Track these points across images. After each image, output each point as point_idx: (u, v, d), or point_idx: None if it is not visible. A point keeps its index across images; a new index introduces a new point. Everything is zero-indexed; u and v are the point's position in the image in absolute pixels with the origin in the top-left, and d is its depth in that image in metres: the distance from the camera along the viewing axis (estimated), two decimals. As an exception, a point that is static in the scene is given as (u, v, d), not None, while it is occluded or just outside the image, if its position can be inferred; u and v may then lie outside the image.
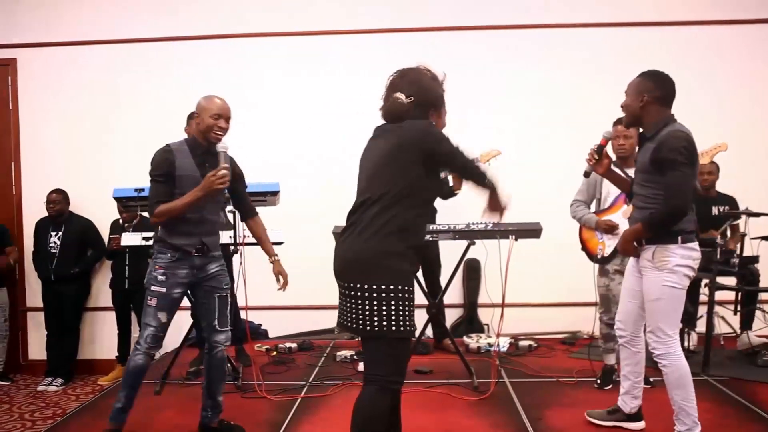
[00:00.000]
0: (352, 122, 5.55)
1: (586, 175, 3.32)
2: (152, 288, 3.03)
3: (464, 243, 4.11)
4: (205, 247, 3.11)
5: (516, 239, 4.01)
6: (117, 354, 5.50)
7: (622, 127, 3.63)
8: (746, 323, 4.75)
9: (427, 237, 4.12)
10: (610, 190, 3.84)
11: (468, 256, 4.25)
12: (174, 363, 4.11)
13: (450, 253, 4.53)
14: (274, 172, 4.70)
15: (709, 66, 5.47)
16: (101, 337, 5.73)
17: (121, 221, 5.27)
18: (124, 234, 4.41)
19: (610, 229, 3.75)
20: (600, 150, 3.11)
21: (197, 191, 2.93)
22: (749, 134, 5.32)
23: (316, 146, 5.62)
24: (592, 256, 3.93)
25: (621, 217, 3.76)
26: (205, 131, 3.04)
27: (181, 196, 2.96)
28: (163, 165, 3.00)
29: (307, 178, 5.53)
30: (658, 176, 2.80)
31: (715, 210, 4.91)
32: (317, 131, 5.64)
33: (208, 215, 3.12)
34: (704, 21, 5.51)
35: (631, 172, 3.44)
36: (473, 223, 4.06)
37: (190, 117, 3.99)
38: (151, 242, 3.76)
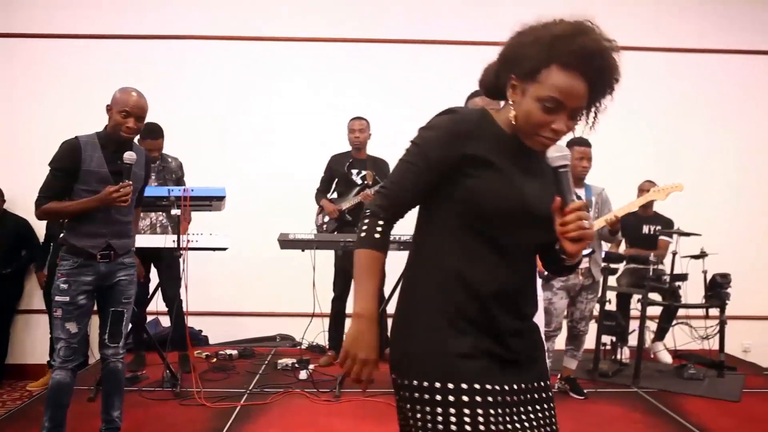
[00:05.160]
0: (299, 129, 5.59)
1: None
2: (56, 298, 2.81)
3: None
4: (112, 252, 2.89)
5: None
6: (48, 359, 5.30)
7: (584, 148, 3.78)
8: (660, 335, 5.05)
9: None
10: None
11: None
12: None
13: (394, 263, 4.56)
14: (219, 177, 4.65)
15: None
16: (33, 342, 5.51)
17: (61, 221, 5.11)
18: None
19: None
20: None
21: (93, 201, 2.75)
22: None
23: (264, 152, 5.59)
24: (539, 272, 4.03)
25: None
26: (114, 128, 2.85)
27: (85, 192, 2.78)
28: (65, 159, 2.79)
29: (253, 185, 5.48)
30: None
31: (645, 229, 5.12)
32: (264, 137, 5.60)
33: (117, 215, 2.88)
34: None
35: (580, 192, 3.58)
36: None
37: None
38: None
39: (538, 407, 1.43)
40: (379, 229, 1.39)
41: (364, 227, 1.40)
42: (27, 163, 5.33)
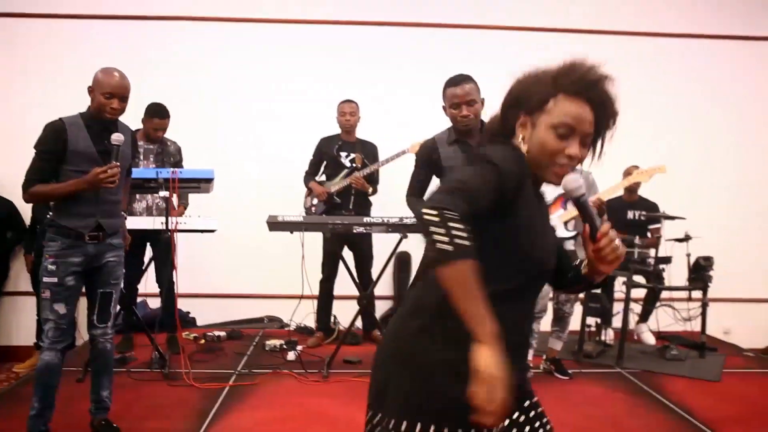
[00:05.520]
0: (292, 114, 5.57)
1: None
2: (44, 279, 2.82)
3: (397, 236, 4.17)
4: (102, 232, 2.89)
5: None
6: (35, 341, 5.30)
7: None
8: (643, 317, 5.16)
9: (360, 229, 4.16)
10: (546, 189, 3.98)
11: (400, 249, 4.32)
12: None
13: (382, 245, 4.59)
14: (209, 159, 4.64)
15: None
16: (18, 323, 5.49)
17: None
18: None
19: None
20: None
21: (81, 183, 2.75)
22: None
23: (255, 135, 5.57)
24: None
25: (556, 220, 3.90)
26: (98, 109, 2.83)
27: (74, 173, 2.76)
28: (51, 142, 2.78)
29: (243, 167, 5.46)
30: None
31: (630, 214, 5.17)
32: (256, 121, 5.59)
33: (106, 194, 2.87)
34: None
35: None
36: (406, 218, 4.13)
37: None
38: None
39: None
40: (468, 234, 1.19)
41: (453, 232, 1.18)
42: (15, 146, 5.32)
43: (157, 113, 4.29)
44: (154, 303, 4.98)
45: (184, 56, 5.52)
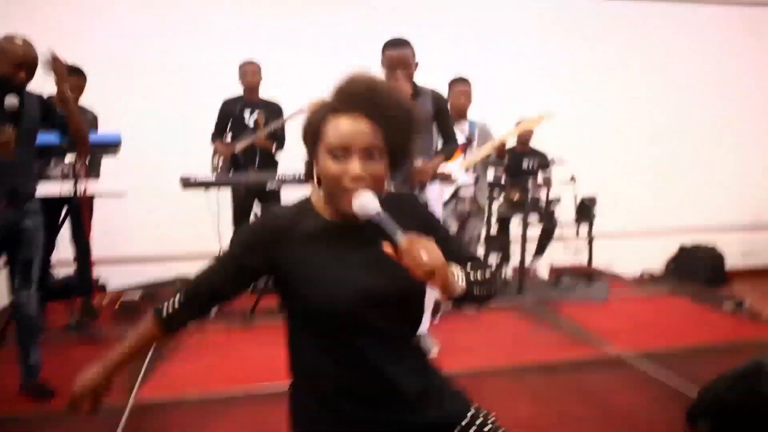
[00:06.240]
0: (199, 72, 5.51)
1: None
2: None
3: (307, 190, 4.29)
4: (18, 198, 2.88)
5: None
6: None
7: (464, 87, 4.29)
8: (539, 252, 5.59)
9: (272, 186, 4.29)
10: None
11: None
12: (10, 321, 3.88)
13: (293, 198, 4.69)
14: (119, 119, 4.54)
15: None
16: None
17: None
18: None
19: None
20: None
21: None
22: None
23: (164, 93, 5.47)
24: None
25: (456, 167, 4.16)
26: (5, 78, 2.77)
27: None
28: None
29: (153, 127, 5.35)
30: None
31: (525, 163, 5.58)
32: (167, 79, 5.49)
33: (17, 159, 2.81)
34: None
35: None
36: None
37: None
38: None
39: None
40: (166, 301, 1.44)
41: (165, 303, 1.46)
42: None
43: (71, 71, 4.12)
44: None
45: (98, 21, 5.34)
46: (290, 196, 4.47)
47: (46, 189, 3.80)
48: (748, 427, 2.27)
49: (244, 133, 4.80)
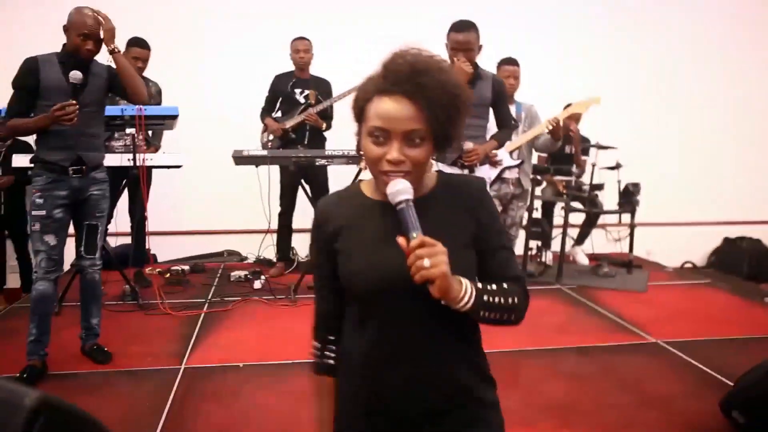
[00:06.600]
0: (248, 53, 5.64)
1: None
2: (33, 213, 2.96)
3: (354, 168, 4.39)
4: (84, 166, 3.02)
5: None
6: (-8, 282, 5.35)
7: (512, 67, 4.27)
8: (579, 240, 5.63)
9: (322, 162, 4.40)
10: None
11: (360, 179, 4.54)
12: (71, 286, 4.10)
13: (338, 179, 4.79)
14: (176, 97, 4.69)
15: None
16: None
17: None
18: (14, 155, 4.24)
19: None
20: None
21: (44, 118, 2.83)
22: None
23: (224, 75, 5.63)
24: None
25: (503, 151, 4.20)
26: (74, 49, 2.94)
27: (48, 108, 2.81)
28: (24, 77, 2.89)
29: (209, 106, 5.50)
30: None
31: (567, 148, 5.57)
32: (222, 56, 5.65)
33: (85, 128, 2.97)
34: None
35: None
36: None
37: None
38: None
39: None
40: (315, 352, 1.40)
41: (312, 351, 1.41)
42: None
43: (136, 43, 4.30)
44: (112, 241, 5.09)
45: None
46: (337, 173, 4.66)
47: (108, 160, 3.98)
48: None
49: (295, 110, 4.90)
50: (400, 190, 1.17)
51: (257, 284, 4.60)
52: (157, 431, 2.55)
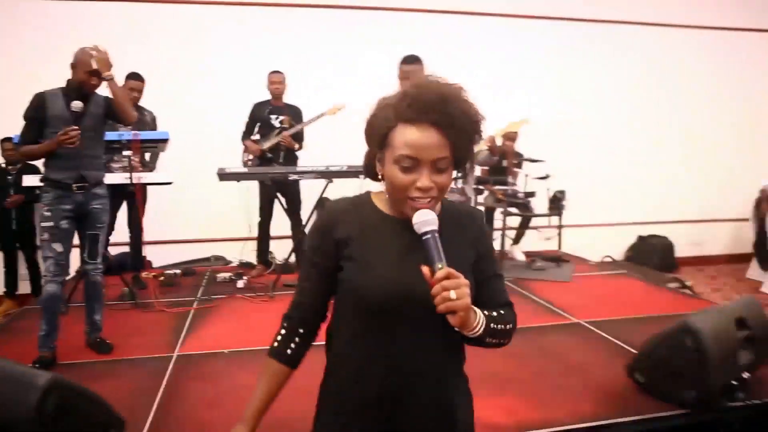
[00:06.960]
0: (231, 85, 5.69)
1: None
2: (42, 224, 3.03)
3: (322, 183, 4.45)
4: (87, 183, 3.07)
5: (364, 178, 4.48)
6: (5, 290, 5.30)
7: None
8: (516, 240, 5.83)
9: (294, 177, 4.48)
10: None
11: (326, 194, 4.62)
12: (76, 289, 4.10)
13: (309, 192, 4.87)
14: (168, 122, 4.71)
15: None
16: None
17: (3, 164, 5.02)
18: (24, 176, 4.25)
19: None
20: None
21: (51, 143, 2.91)
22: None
23: (209, 104, 5.68)
24: None
25: None
26: (80, 84, 3.01)
27: (54, 135, 2.90)
28: (33, 109, 2.97)
29: (197, 130, 5.54)
30: None
31: (504, 162, 5.75)
32: (206, 86, 5.70)
33: (86, 150, 3.04)
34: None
35: None
36: (331, 166, 4.45)
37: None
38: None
39: None
40: (278, 338, 1.29)
41: (275, 336, 1.29)
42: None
43: (133, 77, 4.34)
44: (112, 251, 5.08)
45: (156, 37, 5.62)
46: (308, 186, 4.76)
47: (108, 179, 4.01)
48: (674, 376, 2.47)
49: (271, 133, 4.97)
50: (428, 221, 1.10)
51: (240, 284, 4.65)
52: (154, 408, 2.60)
